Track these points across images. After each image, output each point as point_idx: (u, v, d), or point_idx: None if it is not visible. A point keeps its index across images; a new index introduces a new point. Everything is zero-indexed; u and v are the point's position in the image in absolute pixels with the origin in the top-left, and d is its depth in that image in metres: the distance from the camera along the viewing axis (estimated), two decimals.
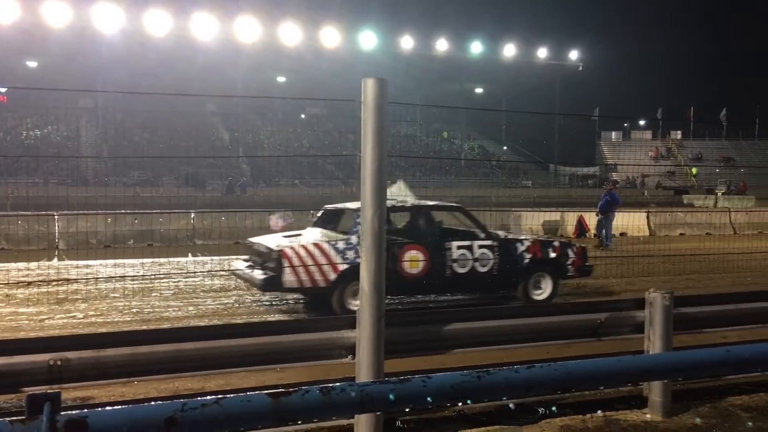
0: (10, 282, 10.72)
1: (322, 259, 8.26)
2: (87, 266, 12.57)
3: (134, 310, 8.86)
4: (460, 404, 4.45)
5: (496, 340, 4.73)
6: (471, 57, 51.36)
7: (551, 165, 55.85)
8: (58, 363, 3.74)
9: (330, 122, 57.71)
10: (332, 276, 8.26)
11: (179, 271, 12.10)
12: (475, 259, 8.81)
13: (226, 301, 9.53)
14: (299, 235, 9.16)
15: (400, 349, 4.42)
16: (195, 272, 12.09)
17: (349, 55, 45.05)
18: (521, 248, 9.17)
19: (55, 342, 4.10)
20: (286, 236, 9.27)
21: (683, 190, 44.11)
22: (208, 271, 12.11)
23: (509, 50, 52.11)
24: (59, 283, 10.53)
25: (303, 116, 59.71)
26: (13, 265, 12.45)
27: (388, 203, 10.13)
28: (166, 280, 11.08)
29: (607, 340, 5.08)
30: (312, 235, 9.05)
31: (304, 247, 8.34)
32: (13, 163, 39.63)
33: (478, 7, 66.51)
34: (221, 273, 11.60)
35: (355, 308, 8.29)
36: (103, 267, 12.47)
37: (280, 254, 8.18)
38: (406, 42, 48.18)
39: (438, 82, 54.21)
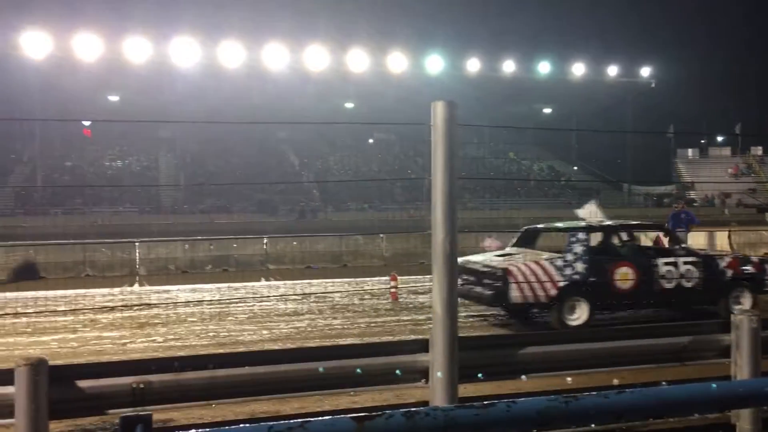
0: (95, 307, 11.16)
1: (543, 276, 8.92)
2: (166, 291, 12.98)
3: (211, 334, 9.07)
4: None
5: (574, 364, 4.60)
6: (539, 77, 50.80)
7: (624, 184, 54.40)
8: (141, 386, 3.86)
9: (397, 146, 58.05)
10: (553, 292, 8.92)
11: (253, 296, 12.34)
12: (681, 275, 9.41)
13: (298, 325, 9.65)
14: (510, 254, 9.88)
15: (474, 373, 4.36)
16: (269, 296, 12.31)
17: (416, 80, 45.29)
18: (722, 264, 9.70)
19: (138, 365, 4.24)
20: (497, 255, 10.03)
21: (766, 208, 42.13)
22: (281, 295, 12.31)
23: (578, 69, 51.31)
24: (140, 308, 10.91)
25: (371, 141, 60.29)
26: (97, 290, 12.98)
27: (593, 221, 10.82)
28: (241, 305, 11.32)
29: (691, 365, 4.88)
30: (527, 254, 9.79)
31: (526, 265, 9.02)
32: (97, 193, 41.50)
33: (546, 27, 65.98)
34: (294, 297, 11.79)
35: (573, 323, 8.91)
36: (181, 292, 12.85)
37: (506, 272, 8.83)
38: (473, 65, 48.12)
39: (505, 103, 53.81)
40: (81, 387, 3.82)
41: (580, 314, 9.02)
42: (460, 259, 10.07)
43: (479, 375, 4.35)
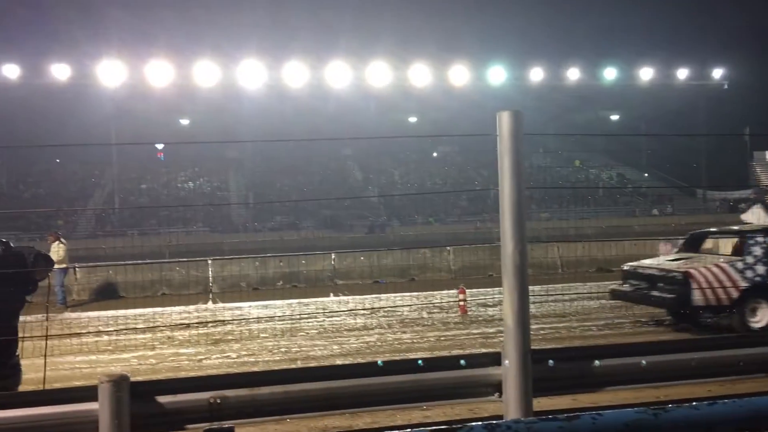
0: (172, 324, 11.50)
1: (725, 280, 8.87)
2: (238, 308, 13.26)
3: (283, 350, 9.20)
4: None
5: (655, 376, 4.44)
6: (604, 84, 49.82)
7: (698, 190, 52.52)
8: (218, 401, 3.94)
9: (461, 158, 57.81)
10: (735, 295, 8.86)
11: (323, 311, 12.46)
12: None
13: (368, 340, 9.67)
14: (683, 259, 9.85)
15: (549, 386, 4.27)
16: (338, 311, 12.41)
17: (478, 92, 45.09)
18: None
19: (214, 381, 4.32)
20: (670, 260, 10.06)
21: None
22: (350, 310, 12.38)
23: (646, 74, 50.03)
24: (214, 324, 11.17)
25: (435, 154, 60.24)
26: (173, 308, 13.37)
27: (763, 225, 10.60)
28: (311, 320, 11.44)
29: None
30: (702, 257, 9.83)
31: (707, 268, 9.02)
32: (171, 214, 42.87)
33: (611, 32, 64.56)
34: (362, 311, 11.84)
35: (756, 325, 8.81)
36: (253, 308, 13.10)
37: (687, 275, 8.86)
38: (536, 74, 47.58)
39: (570, 111, 52.89)
40: (161, 402, 3.92)
41: (761, 317, 8.90)
42: (630, 264, 10.35)
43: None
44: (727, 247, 10.21)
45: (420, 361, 4.32)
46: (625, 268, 10.45)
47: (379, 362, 4.42)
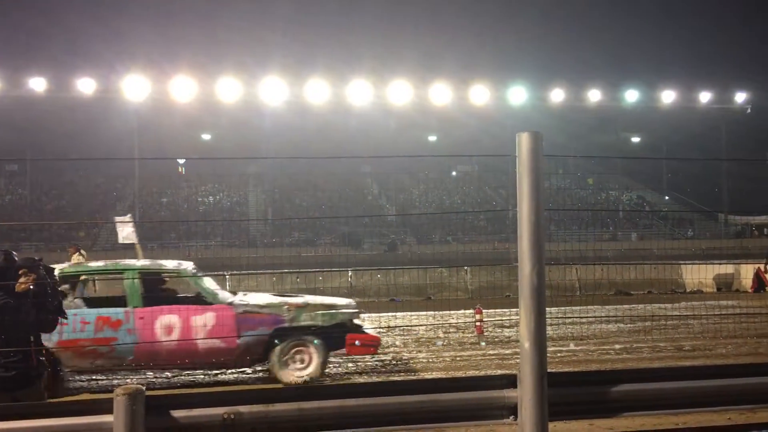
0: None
1: None
2: None
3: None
4: None
5: (672, 403, 4.37)
6: (626, 106, 49.59)
7: (720, 214, 51.93)
8: (231, 416, 3.94)
9: (481, 179, 57.75)
10: None
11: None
12: None
13: (383, 358, 9.65)
14: None
15: (566, 410, 4.22)
16: None
17: (498, 111, 45.10)
18: None
19: (228, 396, 4.33)
20: None
21: None
22: (366, 328, 12.32)
23: (668, 96, 49.76)
24: None
25: (454, 173, 60.24)
26: None
27: None
28: None
29: None
30: None
31: None
32: (191, 228, 43.20)
33: (633, 55, 64.51)
34: (378, 330, 11.78)
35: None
36: None
37: None
38: (557, 95, 47.51)
39: (591, 133, 52.68)
40: (175, 416, 3.93)
41: None
42: None
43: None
44: None
45: (435, 381, 4.30)
46: None
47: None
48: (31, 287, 4.90)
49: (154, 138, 43.81)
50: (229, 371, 8.98)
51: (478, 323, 11.58)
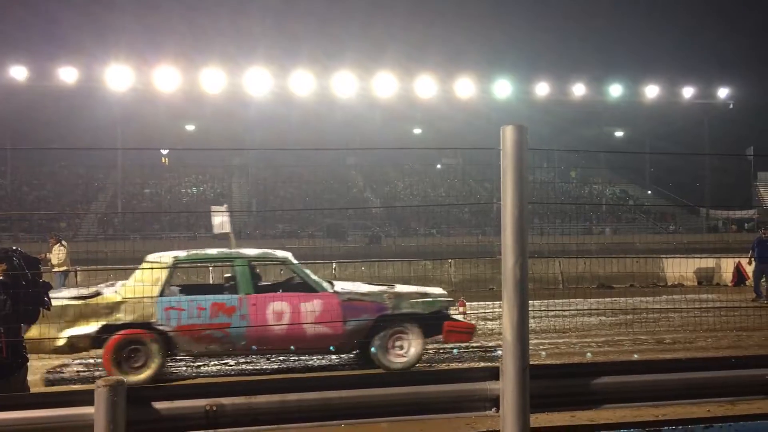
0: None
1: None
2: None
3: (281, 358, 9.18)
4: None
5: (652, 395, 4.42)
6: (610, 100, 49.85)
7: (702, 209, 52.45)
8: (214, 408, 3.92)
9: (465, 172, 57.86)
10: None
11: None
12: None
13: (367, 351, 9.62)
14: None
15: (547, 402, 4.25)
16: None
17: (484, 105, 45.17)
18: None
19: (210, 388, 4.31)
20: None
21: None
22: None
23: (651, 91, 50.08)
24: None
25: (439, 166, 60.30)
26: None
27: None
28: None
29: None
30: None
31: None
32: (174, 219, 42.94)
33: (617, 49, 64.84)
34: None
35: None
36: None
37: None
38: (542, 88, 47.65)
39: (575, 127, 52.95)
40: (157, 408, 3.91)
41: None
42: None
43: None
44: None
45: (417, 374, 4.31)
46: None
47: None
48: (1, 278, 4.84)
49: (137, 128, 43.44)
50: (212, 362, 8.96)
51: (461, 316, 11.61)
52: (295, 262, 9.00)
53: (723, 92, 52.43)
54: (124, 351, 7.85)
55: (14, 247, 5.29)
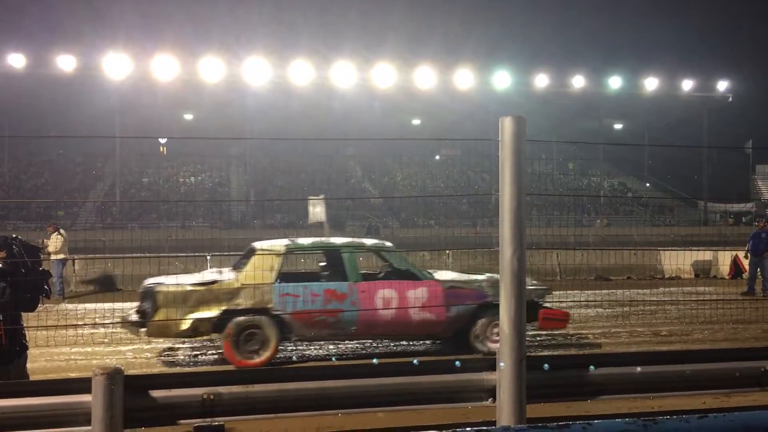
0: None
1: None
2: None
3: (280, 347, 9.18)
4: None
5: (647, 387, 4.44)
6: (609, 92, 49.77)
7: (700, 202, 52.48)
8: (211, 397, 3.94)
9: (464, 163, 57.79)
10: None
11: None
12: None
13: (364, 341, 9.65)
14: None
15: (543, 393, 4.27)
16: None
17: (483, 96, 45.08)
18: None
19: (208, 377, 4.33)
20: None
21: None
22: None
23: (651, 83, 50.00)
24: None
25: (437, 157, 60.22)
26: None
27: None
28: None
29: None
30: None
31: None
32: (172, 208, 42.87)
33: (617, 41, 64.69)
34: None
35: None
36: None
37: None
38: (541, 80, 47.55)
39: (574, 118, 52.88)
40: (154, 396, 3.93)
41: None
42: None
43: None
44: None
45: (415, 361, 4.32)
46: None
47: (374, 360, 4.43)
48: (0, 266, 4.84)
49: (135, 117, 43.28)
50: (209, 352, 8.98)
51: None
52: (396, 251, 9.28)
53: (722, 85, 52.37)
54: (241, 335, 7.99)
55: (14, 235, 5.28)
